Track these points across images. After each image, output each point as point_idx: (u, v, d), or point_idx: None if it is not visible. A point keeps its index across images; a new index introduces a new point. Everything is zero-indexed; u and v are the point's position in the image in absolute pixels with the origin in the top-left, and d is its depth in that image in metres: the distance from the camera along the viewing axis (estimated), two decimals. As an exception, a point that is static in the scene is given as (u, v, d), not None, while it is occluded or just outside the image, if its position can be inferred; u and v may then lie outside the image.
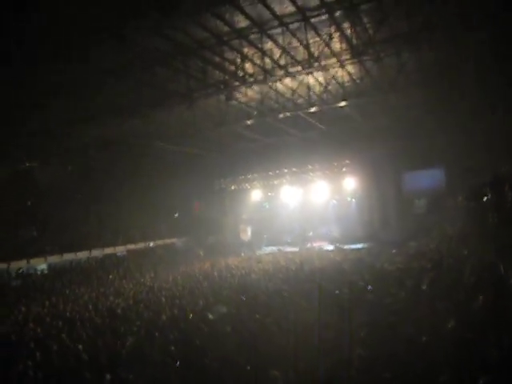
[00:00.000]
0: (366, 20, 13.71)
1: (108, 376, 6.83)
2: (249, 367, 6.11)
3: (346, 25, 13.86)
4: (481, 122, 19.42)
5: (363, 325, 7.55)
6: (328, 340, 6.77)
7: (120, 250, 25.30)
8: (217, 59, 15.24)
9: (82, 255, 22.75)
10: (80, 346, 8.71)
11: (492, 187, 8.67)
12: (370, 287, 11.41)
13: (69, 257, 21.90)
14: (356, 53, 14.64)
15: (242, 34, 13.47)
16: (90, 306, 13.22)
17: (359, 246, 24.81)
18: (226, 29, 13.05)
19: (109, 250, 24.43)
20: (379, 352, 6.13)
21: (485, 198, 10.97)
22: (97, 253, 23.67)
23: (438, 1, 12.60)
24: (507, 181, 7.39)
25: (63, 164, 25.62)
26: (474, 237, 15.85)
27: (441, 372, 4.76)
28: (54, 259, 21.25)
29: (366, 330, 7.21)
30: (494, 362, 4.70)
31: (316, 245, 28.14)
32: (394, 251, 19.85)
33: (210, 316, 10.31)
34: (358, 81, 17.99)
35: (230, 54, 15.16)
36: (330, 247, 25.90)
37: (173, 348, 7.86)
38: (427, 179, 26.61)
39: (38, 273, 20.29)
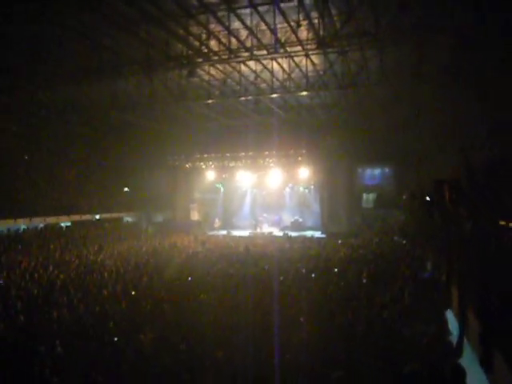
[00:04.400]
0: (334, 12, 13.77)
1: (42, 348, 6.60)
2: (188, 347, 6.12)
3: (314, 14, 13.87)
4: (434, 130, 20.30)
5: (304, 310, 7.78)
6: (270, 323, 6.93)
7: (64, 220, 24.27)
8: (181, 32, 14.77)
9: (22, 222, 21.62)
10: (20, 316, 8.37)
11: (435, 188, 9.15)
12: (313, 275, 11.76)
13: (6, 223, 20.71)
14: (322, 44, 14.70)
15: (209, 9, 13.10)
16: (27, 276, 12.65)
17: (307, 234, 25.42)
18: (193, 1, 12.64)
19: (51, 220, 23.37)
20: (317, 337, 6.35)
21: (427, 198, 11.58)
22: (38, 221, 22.59)
23: (406, 5, 12.86)
24: (447, 183, 7.85)
25: (7, 124, 24.05)
26: (415, 233, 16.72)
27: (369, 359, 5.01)
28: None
29: (306, 316, 7.44)
30: (420, 351, 5.02)
31: (266, 230, 28.53)
32: (339, 242, 20.55)
33: (153, 294, 10.20)
34: (321, 72, 18.17)
35: (195, 29, 14.74)
36: (280, 234, 26.34)
37: (111, 324, 7.73)
38: (377, 176, 27.69)
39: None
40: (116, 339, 6.98)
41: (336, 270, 12.26)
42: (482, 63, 13.36)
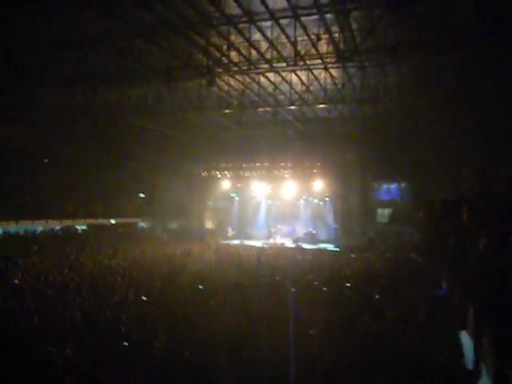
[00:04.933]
0: (354, 27, 13.84)
1: (54, 349, 6.67)
2: (197, 354, 6.13)
3: (334, 28, 13.95)
4: (452, 148, 20.15)
5: (314, 323, 7.72)
6: (280, 333, 6.90)
7: (80, 223, 24.64)
8: (202, 42, 15.01)
9: (39, 224, 22.01)
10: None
11: (453, 207, 9.05)
12: (325, 288, 11.66)
13: (24, 224, 21.11)
14: (341, 57, 14.76)
15: (231, 21, 13.31)
16: (42, 277, 12.83)
17: (320, 247, 25.25)
18: (215, 13, 12.85)
19: (68, 222, 23.75)
20: (326, 350, 6.29)
21: (444, 217, 11.44)
22: (55, 223, 22.97)
23: (425, 21, 12.87)
24: (466, 203, 7.74)
25: (28, 126, 24.55)
26: (430, 251, 16.47)
27: (379, 376, 4.94)
28: (7, 225, 20.41)
29: (316, 329, 7.38)
30: (433, 370, 4.93)
31: (279, 241, 28.45)
32: (352, 256, 20.35)
33: (165, 300, 10.24)
34: (339, 85, 18.21)
35: (216, 40, 14.96)
36: (292, 245, 26.23)
37: (123, 329, 7.78)
38: (393, 191, 27.46)
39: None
40: (126, 344, 7.02)
41: (348, 284, 12.14)
42: (481, 78, 13.26)
